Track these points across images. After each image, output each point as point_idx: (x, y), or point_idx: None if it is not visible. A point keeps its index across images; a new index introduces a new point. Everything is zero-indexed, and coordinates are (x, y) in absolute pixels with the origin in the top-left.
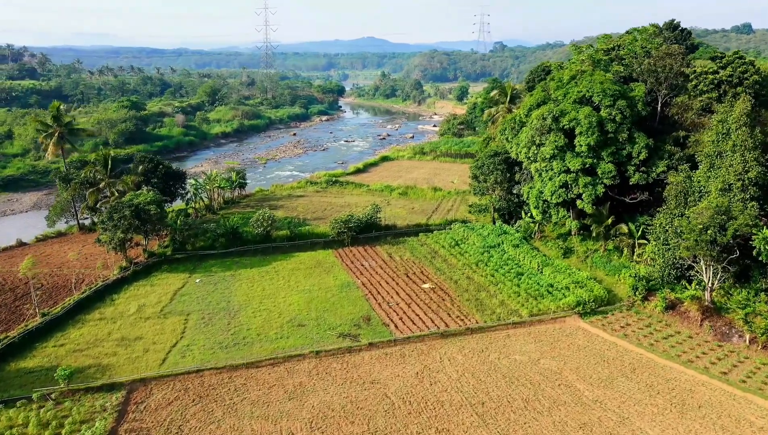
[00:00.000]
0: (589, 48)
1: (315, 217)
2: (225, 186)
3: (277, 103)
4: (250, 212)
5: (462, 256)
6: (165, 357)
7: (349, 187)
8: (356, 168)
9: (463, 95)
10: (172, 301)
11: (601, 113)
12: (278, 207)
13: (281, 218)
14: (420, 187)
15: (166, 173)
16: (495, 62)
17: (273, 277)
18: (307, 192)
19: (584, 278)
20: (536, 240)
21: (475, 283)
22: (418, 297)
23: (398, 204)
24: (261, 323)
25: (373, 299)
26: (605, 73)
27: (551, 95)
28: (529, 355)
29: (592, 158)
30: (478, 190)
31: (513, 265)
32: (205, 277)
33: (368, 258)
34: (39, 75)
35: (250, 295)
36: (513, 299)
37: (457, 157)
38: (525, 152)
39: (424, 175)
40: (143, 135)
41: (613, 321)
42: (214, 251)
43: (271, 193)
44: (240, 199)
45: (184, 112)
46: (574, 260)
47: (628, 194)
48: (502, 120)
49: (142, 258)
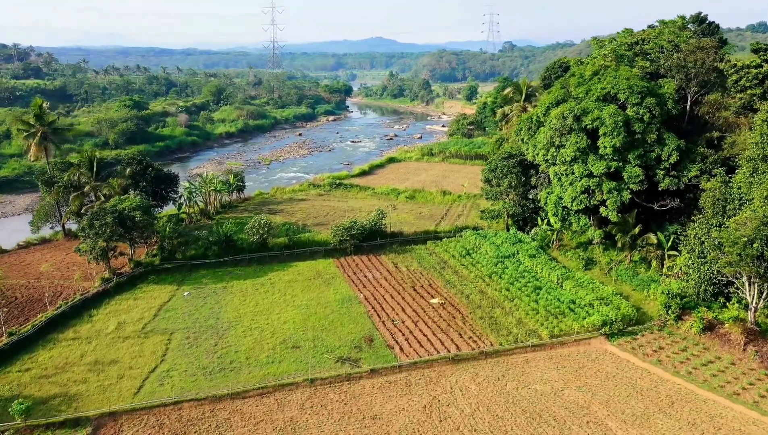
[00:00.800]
0: (611, 42)
1: (316, 222)
2: (222, 189)
3: (283, 103)
4: (247, 217)
5: (474, 266)
6: (141, 385)
7: (353, 190)
8: (361, 170)
9: (473, 95)
10: (156, 318)
11: (628, 112)
12: (278, 211)
13: (279, 224)
14: (428, 190)
15: (157, 176)
16: (504, 62)
17: (268, 290)
18: (309, 195)
19: (609, 294)
20: (554, 249)
21: (488, 297)
22: (426, 314)
23: (405, 208)
24: (251, 344)
25: (377, 316)
26: (630, 68)
27: (571, 92)
28: (551, 384)
29: (618, 161)
30: (491, 194)
31: (530, 278)
32: (195, 290)
33: (372, 268)
34: (44, 74)
35: (242, 311)
36: (531, 317)
37: (467, 159)
38: (543, 154)
39: (433, 178)
40: (145, 135)
41: (644, 344)
42: (206, 261)
43: (271, 197)
44: (238, 203)
45: (189, 111)
46: (596, 272)
47: (657, 201)
48: (516, 119)
49: (127, 268)
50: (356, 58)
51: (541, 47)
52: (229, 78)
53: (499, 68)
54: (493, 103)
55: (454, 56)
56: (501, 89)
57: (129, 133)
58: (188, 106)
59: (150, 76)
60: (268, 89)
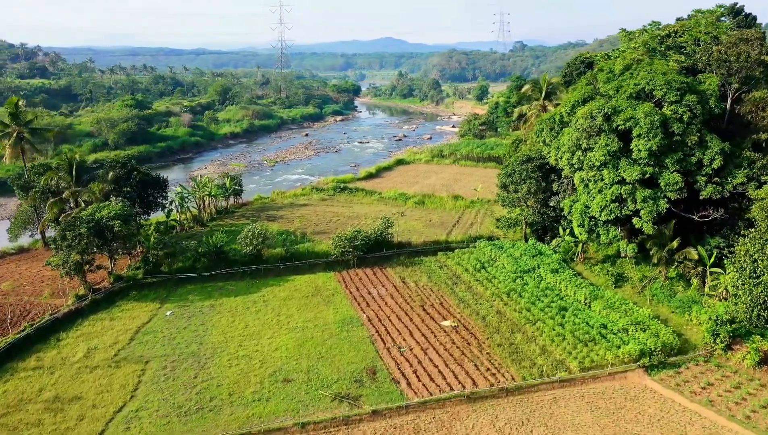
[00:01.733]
0: (642, 33)
1: (318, 230)
2: (217, 194)
3: (290, 103)
4: (244, 224)
5: (490, 282)
6: (103, 429)
7: (358, 194)
8: (368, 172)
9: (483, 95)
10: (132, 342)
11: (665, 111)
12: (277, 218)
13: (276, 234)
14: (438, 194)
15: (143, 181)
16: (515, 62)
17: (260, 309)
18: (311, 200)
19: (646, 317)
20: (578, 263)
21: (507, 320)
22: (436, 339)
23: (413, 215)
24: (236, 376)
25: (381, 342)
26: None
27: (599, 89)
28: (585, 430)
29: (654, 166)
30: (508, 201)
31: (553, 297)
32: (179, 308)
33: (377, 284)
34: (50, 74)
35: (229, 335)
36: (557, 345)
37: (479, 161)
38: (567, 158)
39: (443, 181)
40: (146, 135)
41: (690, 378)
42: (194, 274)
43: (270, 202)
44: (235, 209)
45: (194, 111)
46: (628, 291)
47: (697, 211)
48: (536, 119)
49: (106, 282)
50: (365, 58)
51: (552, 47)
52: (237, 78)
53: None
54: (505, 102)
55: (464, 56)
56: (514, 88)
57: (130, 134)
58: (193, 106)
59: (156, 75)
60: (276, 89)
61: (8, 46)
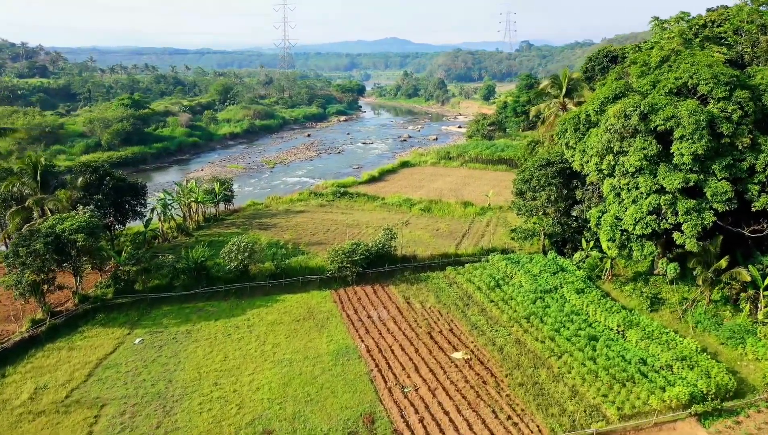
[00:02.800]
0: (678, 21)
1: (314, 241)
2: (205, 200)
3: (293, 103)
4: (234, 233)
5: (506, 304)
6: None
7: (359, 200)
8: (370, 176)
9: (490, 94)
10: (90, 379)
11: (711, 108)
12: (270, 226)
13: (266, 245)
14: (446, 200)
15: (117, 187)
16: (521, 61)
17: (243, 337)
18: (309, 206)
19: (692, 351)
20: (605, 281)
21: (528, 351)
22: (446, 376)
23: (419, 223)
24: (207, 426)
25: (381, 380)
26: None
27: (632, 85)
28: None
29: (698, 173)
30: (524, 209)
31: (580, 323)
32: (150, 335)
33: (378, 304)
34: (50, 73)
35: (204, 369)
36: (589, 385)
37: (489, 163)
38: (596, 163)
39: (451, 185)
40: (142, 135)
41: (754, 431)
42: (171, 293)
43: (264, 208)
44: (225, 216)
45: (194, 111)
46: (666, 316)
47: (748, 224)
48: (555, 119)
49: (70, 304)
50: (370, 58)
51: (559, 46)
52: (240, 77)
53: (516, 68)
54: (514, 102)
55: (469, 56)
56: (524, 87)
57: (124, 134)
58: (193, 106)
59: (157, 75)
60: (279, 88)
61: (10, 45)
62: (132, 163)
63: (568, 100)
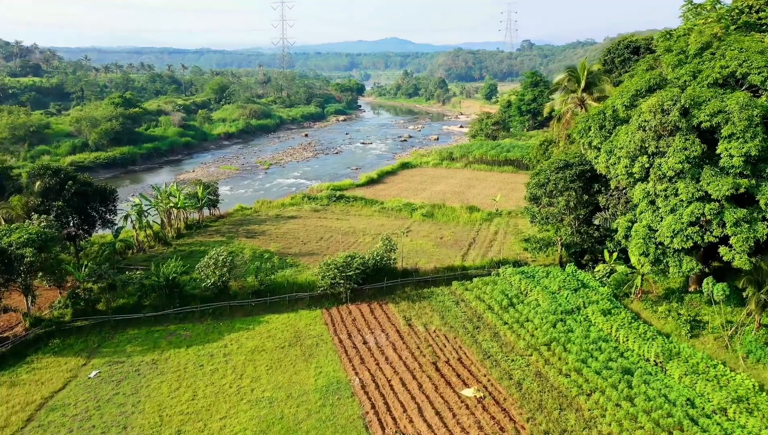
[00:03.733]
0: (714, 5)
1: (305, 251)
2: (187, 205)
3: (291, 102)
4: (218, 243)
5: (523, 327)
6: None
7: (356, 204)
8: (369, 178)
9: (492, 94)
10: (29, 425)
11: (764, 101)
12: (258, 234)
13: (250, 258)
14: (450, 205)
15: (81, 192)
16: (522, 61)
17: (217, 368)
18: (301, 211)
19: (750, 390)
20: (634, 300)
21: (552, 387)
22: (456, 422)
23: (421, 230)
24: None
25: (378, 426)
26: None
27: (667, 76)
28: None
29: (750, 177)
30: (539, 217)
31: (611, 352)
32: (109, 366)
33: (375, 327)
34: (43, 72)
35: (168, 412)
36: (629, 434)
37: (494, 165)
38: (625, 166)
39: (455, 188)
40: (132, 135)
41: None
42: (138, 315)
43: (253, 214)
44: (210, 222)
45: (188, 110)
46: (709, 342)
47: None
48: (570, 115)
49: (20, 328)
50: (371, 58)
51: (560, 46)
52: (238, 76)
53: (517, 67)
54: (519, 100)
55: (470, 55)
56: (529, 85)
57: (113, 134)
58: (188, 105)
59: (153, 74)
60: (277, 87)
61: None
62: (121, 164)
63: (587, 95)
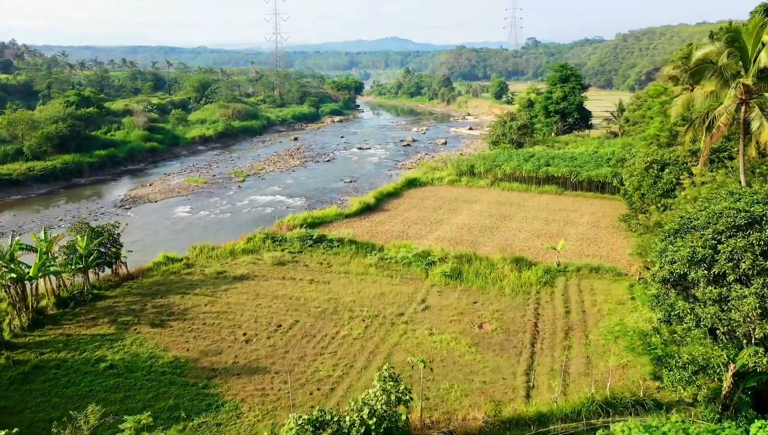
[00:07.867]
0: None
1: (242, 360)
2: (54, 271)
3: (283, 101)
4: (99, 338)
5: None
6: None
7: (342, 252)
8: (363, 204)
9: (502, 92)
10: None
11: None
12: (177, 316)
13: (114, 417)
14: (483, 252)
15: None
16: (528, 59)
17: None
18: (258, 264)
19: None
20: None
21: None
22: None
23: (445, 306)
24: None
25: None
26: None
27: None
28: None
29: None
30: (689, 319)
31: None
32: None
33: None
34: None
35: None
36: None
37: (532, 183)
38: None
39: (484, 220)
40: (83, 140)
41: None
42: None
43: (183, 271)
44: (108, 288)
45: (164, 110)
46: None
47: None
48: (727, 119)
49: None
50: (370, 57)
51: (567, 44)
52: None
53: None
54: (546, 99)
55: (473, 53)
56: (558, 80)
57: (58, 139)
58: (164, 104)
59: (135, 70)
60: (268, 85)
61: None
62: (62, 177)
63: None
